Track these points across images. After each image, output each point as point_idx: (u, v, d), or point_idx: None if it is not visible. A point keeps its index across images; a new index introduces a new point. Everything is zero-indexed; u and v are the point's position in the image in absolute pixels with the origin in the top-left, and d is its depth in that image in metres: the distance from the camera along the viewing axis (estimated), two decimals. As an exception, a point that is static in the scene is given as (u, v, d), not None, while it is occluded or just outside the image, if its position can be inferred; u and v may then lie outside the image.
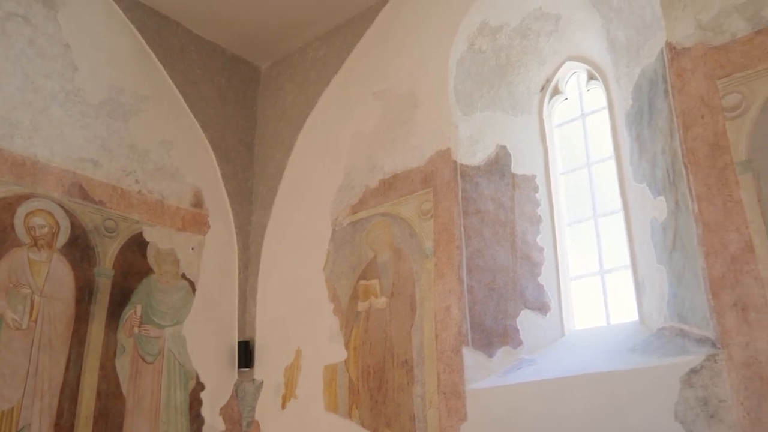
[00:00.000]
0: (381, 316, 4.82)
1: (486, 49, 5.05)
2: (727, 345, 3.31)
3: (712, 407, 3.29)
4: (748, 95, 3.55)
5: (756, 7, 3.64)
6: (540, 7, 4.90)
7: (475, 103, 4.98)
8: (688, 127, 3.70)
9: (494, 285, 4.51)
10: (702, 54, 3.76)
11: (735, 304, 3.33)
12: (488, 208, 4.70)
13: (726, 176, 3.50)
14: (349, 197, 5.36)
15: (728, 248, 3.41)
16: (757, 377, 3.18)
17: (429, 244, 4.69)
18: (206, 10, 5.92)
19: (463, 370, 4.25)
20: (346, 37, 5.92)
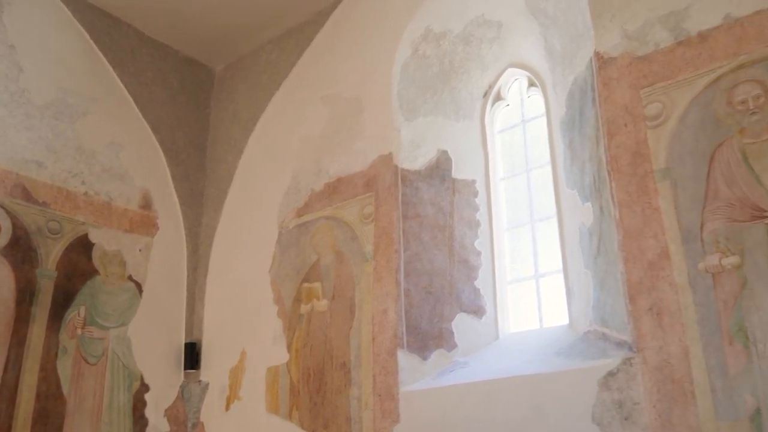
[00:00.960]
0: (322, 319, 4.86)
1: (430, 55, 5.11)
2: (642, 349, 3.39)
3: (626, 409, 3.37)
4: (669, 105, 3.63)
5: (678, 18, 3.72)
6: (482, 14, 4.97)
7: (418, 108, 5.04)
8: (613, 135, 3.78)
9: (431, 288, 4.57)
10: (627, 63, 3.84)
11: (650, 309, 3.41)
12: (428, 212, 4.76)
13: (646, 184, 3.59)
14: (296, 200, 5.40)
15: (646, 254, 3.49)
16: (669, 380, 3.26)
17: (369, 247, 4.74)
18: (160, 13, 5.92)
19: (398, 373, 4.30)
20: (298, 41, 5.96)
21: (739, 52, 3.48)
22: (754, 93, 3.39)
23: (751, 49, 3.44)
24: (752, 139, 3.34)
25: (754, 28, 3.46)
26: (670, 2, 3.77)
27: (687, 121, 3.55)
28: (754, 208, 3.25)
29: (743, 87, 3.43)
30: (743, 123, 3.38)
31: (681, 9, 3.73)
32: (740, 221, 3.27)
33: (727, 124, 3.43)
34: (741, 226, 3.27)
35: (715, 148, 3.43)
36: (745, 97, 3.41)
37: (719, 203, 3.35)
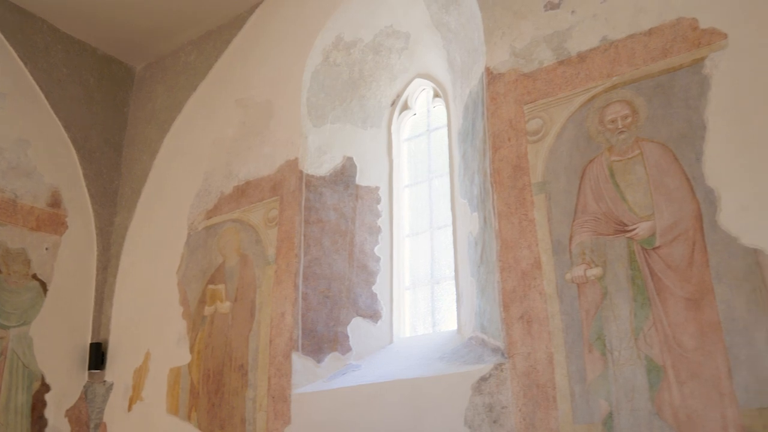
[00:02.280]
0: (224, 321, 4.90)
1: (340, 63, 5.20)
2: (512, 355, 3.54)
3: (495, 413, 3.50)
4: (548, 121, 3.79)
5: (561, 39, 3.89)
6: (391, 24, 5.08)
7: (326, 115, 5.12)
8: (497, 148, 3.92)
9: (329, 293, 4.65)
10: (514, 80, 3.99)
11: (522, 317, 3.56)
12: (330, 217, 4.84)
13: (524, 196, 3.73)
14: (206, 202, 5.43)
15: (520, 264, 3.64)
16: (534, 385, 3.41)
17: (272, 251, 4.80)
18: (77, 10, 5.88)
19: (291, 375, 4.37)
20: (216, 44, 5.99)
21: (612, 73, 3.65)
22: (623, 113, 3.56)
23: (623, 71, 3.62)
24: (619, 157, 3.52)
25: (626, 51, 3.64)
26: (555, 23, 3.94)
27: (563, 137, 3.71)
28: (617, 223, 3.42)
29: (614, 107, 3.61)
30: (612, 141, 3.56)
31: (564, 30, 3.90)
32: (604, 235, 3.44)
33: (598, 142, 3.60)
34: (605, 239, 3.43)
35: (586, 163, 3.60)
36: (615, 116, 3.58)
37: (587, 217, 3.51)
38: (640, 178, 3.42)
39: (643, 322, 3.22)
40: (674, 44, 3.50)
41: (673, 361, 3.11)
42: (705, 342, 3.05)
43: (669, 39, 3.53)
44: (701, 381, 3.01)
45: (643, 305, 3.24)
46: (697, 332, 3.07)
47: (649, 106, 3.50)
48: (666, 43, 3.53)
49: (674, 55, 3.49)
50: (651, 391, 3.12)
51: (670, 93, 3.44)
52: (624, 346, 3.24)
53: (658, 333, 3.17)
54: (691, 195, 3.25)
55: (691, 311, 3.11)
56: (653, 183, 3.37)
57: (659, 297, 3.21)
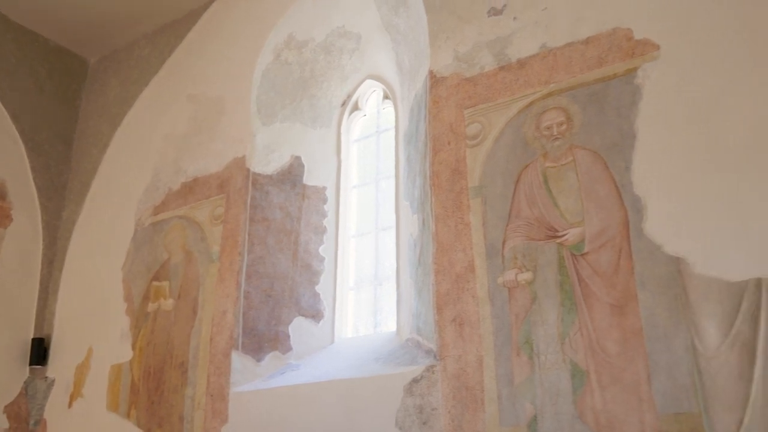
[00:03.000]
0: (167, 318, 4.87)
1: (292, 62, 5.19)
2: (444, 357, 3.56)
3: (425, 414, 3.52)
4: (487, 125, 3.82)
5: (502, 44, 3.93)
6: (343, 25, 5.09)
7: (276, 113, 5.11)
8: (437, 151, 3.94)
9: (271, 292, 4.64)
10: (456, 84, 4.02)
11: (454, 320, 3.58)
12: (275, 216, 4.83)
13: (461, 200, 3.76)
14: (154, 198, 5.39)
15: (455, 267, 3.66)
16: (464, 387, 3.44)
17: (216, 248, 4.78)
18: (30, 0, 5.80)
19: (230, 374, 4.35)
20: (170, 38, 5.94)
21: (549, 80, 3.70)
22: (558, 120, 3.61)
23: (560, 79, 3.66)
24: (553, 163, 3.56)
25: (564, 59, 3.69)
26: (498, 29, 3.97)
27: (501, 142, 3.75)
28: (548, 228, 3.46)
29: (550, 114, 3.65)
30: (547, 147, 3.60)
31: (505, 36, 3.93)
32: (536, 240, 3.48)
33: (533, 148, 3.64)
34: (536, 244, 3.47)
35: (522, 169, 3.64)
36: (550, 123, 3.63)
37: (520, 222, 3.55)
38: (572, 184, 3.46)
39: (570, 327, 3.26)
40: (609, 54, 3.56)
41: (596, 365, 3.15)
42: (627, 348, 3.10)
43: (605, 48, 3.58)
44: (622, 386, 3.06)
45: (570, 310, 3.28)
46: (620, 338, 3.12)
47: (583, 114, 3.54)
48: (602, 52, 3.58)
49: (609, 64, 3.54)
50: (574, 395, 3.16)
51: (603, 101, 3.49)
52: (550, 350, 3.28)
53: (583, 338, 3.22)
54: (619, 203, 3.30)
55: (616, 317, 3.16)
56: (584, 190, 3.42)
57: (585, 302, 3.26)
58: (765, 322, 2.85)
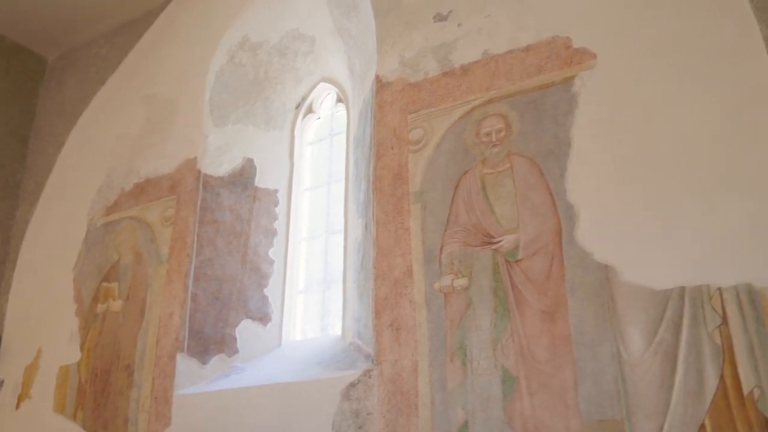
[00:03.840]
0: (115, 319, 4.84)
1: (246, 64, 5.18)
2: (381, 362, 3.57)
3: (361, 419, 3.53)
4: (429, 131, 3.84)
5: (446, 50, 3.94)
6: (297, 27, 5.09)
7: (229, 115, 5.09)
8: (381, 156, 3.95)
9: (219, 294, 4.63)
10: (401, 89, 4.03)
11: (391, 324, 3.59)
12: (225, 218, 4.82)
13: (402, 205, 3.77)
14: (107, 198, 5.35)
15: (394, 272, 3.67)
16: (399, 392, 3.45)
17: (165, 250, 4.76)
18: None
19: (175, 376, 4.33)
20: (127, 38, 5.91)
21: (490, 87, 3.72)
22: (498, 127, 3.63)
23: (501, 86, 3.69)
24: (491, 170, 3.58)
25: (505, 66, 3.71)
26: (442, 34, 3.99)
27: (442, 147, 3.76)
28: (485, 235, 3.48)
29: (490, 120, 3.67)
30: (486, 154, 3.62)
31: (450, 42, 3.95)
32: (472, 246, 3.50)
33: (473, 154, 3.66)
34: (472, 250, 3.49)
35: (461, 175, 3.65)
36: (490, 129, 3.65)
37: (458, 227, 3.57)
38: (508, 191, 3.49)
39: (502, 333, 3.28)
40: (549, 62, 3.58)
41: (526, 372, 3.17)
42: (556, 354, 3.12)
43: (544, 56, 3.61)
44: (550, 392, 3.08)
45: (503, 316, 3.30)
46: (550, 344, 3.15)
47: (521, 121, 3.57)
48: (541, 60, 3.61)
49: (548, 72, 3.57)
50: (504, 401, 3.18)
51: (541, 109, 3.52)
52: (483, 356, 3.29)
53: (514, 344, 3.24)
54: (553, 210, 3.32)
55: (546, 324, 3.19)
56: (520, 197, 3.44)
57: (518, 309, 3.28)
58: (686, 330, 2.89)
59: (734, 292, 2.82)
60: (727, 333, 2.80)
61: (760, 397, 2.67)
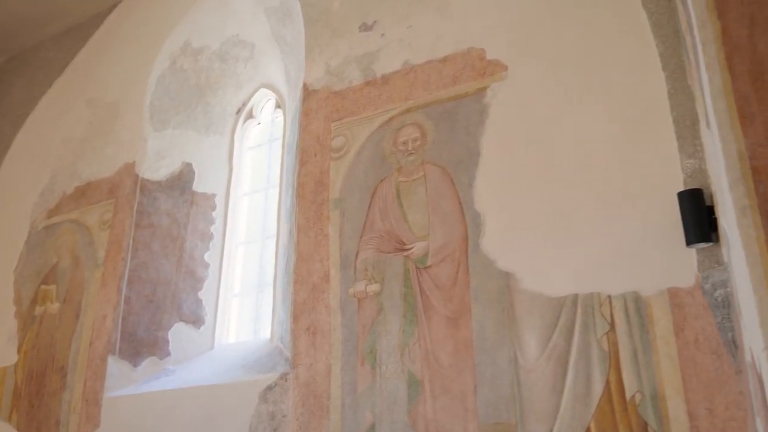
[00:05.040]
0: (52, 322, 4.88)
1: (187, 69, 5.24)
2: (297, 365, 3.64)
3: (276, 421, 3.60)
4: (351, 139, 3.91)
5: (369, 60, 4.02)
6: (238, 34, 5.15)
7: (169, 119, 5.15)
8: (304, 163, 4.03)
9: (153, 297, 4.69)
10: (325, 97, 4.11)
11: (308, 328, 3.67)
12: (162, 222, 4.87)
13: (322, 211, 3.85)
14: (49, 201, 5.39)
15: (312, 277, 3.75)
16: (312, 395, 3.52)
17: (102, 253, 4.81)
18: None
19: (105, 378, 4.39)
20: (74, 41, 5.95)
21: (409, 96, 3.80)
22: (414, 136, 3.71)
23: (418, 95, 3.77)
24: (406, 178, 3.66)
25: (423, 76, 3.79)
26: (367, 44, 4.07)
27: (362, 155, 3.84)
28: (397, 242, 3.57)
29: (407, 129, 3.75)
30: (402, 162, 3.70)
31: (373, 51, 4.03)
32: (385, 252, 3.58)
33: (390, 162, 3.74)
34: (385, 256, 3.57)
35: (378, 183, 3.74)
36: (406, 138, 3.73)
37: (373, 234, 3.65)
38: (421, 199, 3.57)
39: (410, 338, 3.36)
40: (464, 72, 3.67)
41: (430, 376, 3.26)
42: (458, 359, 3.21)
43: (460, 67, 3.69)
44: (452, 396, 3.16)
45: (411, 322, 3.38)
46: (453, 349, 3.23)
47: (436, 130, 3.65)
48: (457, 71, 3.69)
49: (463, 83, 3.65)
50: (409, 405, 3.26)
51: (454, 119, 3.60)
52: (391, 360, 3.38)
53: (420, 349, 3.32)
54: (461, 218, 3.41)
55: (450, 329, 3.27)
56: (431, 205, 3.53)
57: (425, 314, 3.36)
58: (578, 336, 2.98)
59: (622, 300, 2.92)
60: (614, 339, 2.89)
61: (641, 401, 2.76)
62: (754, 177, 1.79)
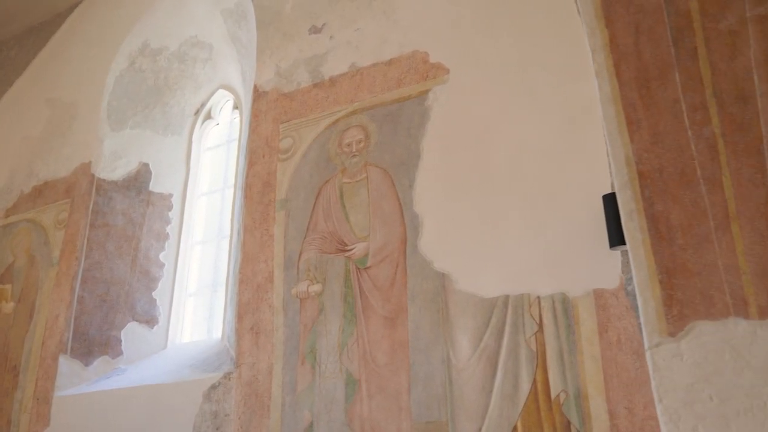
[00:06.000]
0: (6, 321, 4.88)
1: (146, 69, 5.25)
2: (240, 365, 3.67)
3: (219, 420, 3.63)
4: (298, 140, 3.95)
5: (318, 62, 4.06)
6: (196, 35, 5.17)
7: (126, 120, 5.16)
8: (253, 164, 4.06)
9: (107, 297, 4.70)
10: (275, 99, 4.14)
11: (252, 328, 3.70)
12: (117, 222, 4.89)
13: (268, 212, 3.88)
14: (6, 200, 5.39)
15: (257, 277, 3.78)
16: (254, 394, 3.55)
17: (57, 253, 4.82)
18: None
19: (56, 377, 4.40)
20: (36, 41, 5.95)
21: (355, 99, 3.84)
22: (358, 137, 3.75)
23: (364, 98, 3.81)
24: (349, 179, 3.70)
25: (369, 79, 3.83)
26: (316, 46, 4.10)
27: (308, 157, 3.88)
28: (339, 242, 3.60)
29: (352, 131, 3.79)
30: (346, 164, 3.74)
31: (321, 54, 4.07)
32: (327, 253, 3.62)
33: (335, 163, 3.78)
34: (327, 257, 3.61)
35: (322, 184, 3.77)
36: (351, 140, 3.77)
37: (316, 235, 3.69)
38: (363, 200, 3.61)
39: (349, 337, 3.40)
40: (408, 75, 3.71)
41: (367, 375, 3.30)
42: (394, 358, 3.25)
43: (404, 70, 3.73)
44: (387, 395, 3.20)
45: (350, 322, 3.42)
46: (389, 349, 3.27)
47: (379, 132, 3.69)
48: (401, 73, 3.73)
49: (406, 85, 3.70)
50: (346, 404, 3.30)
51: (397, 121, 3.64)
52: (330, 360, 3.41)
53: (358, 349, 3.36)
54: (400, 219, 3.45)
55: (388, 329, 3.31)
56: (373, 206, 3.57)
57: (364, 315, 3.40)
58: (508, 336, 3.03)
59: (550, 301, 2.97)
60: (542, 339, 2.94)
61: (566, 401, 2.81)
62: (641, 182, 1.84)
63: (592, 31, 1.82)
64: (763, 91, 1.68)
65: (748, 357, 1.69)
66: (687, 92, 1.77)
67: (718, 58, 1.73)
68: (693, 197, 1.76)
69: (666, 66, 1.78)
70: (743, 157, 1.71)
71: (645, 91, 1.81)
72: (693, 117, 1.76)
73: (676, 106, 1.78)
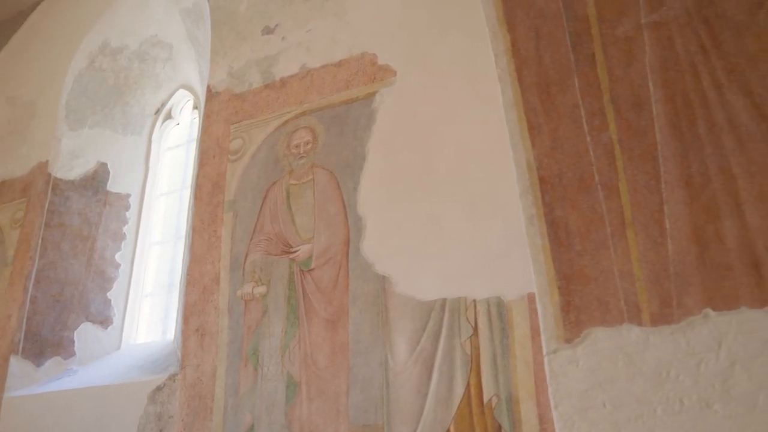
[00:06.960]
0: (-40, 321, 4.84)
1: (106, 69, 5.22)
2: (185, 366, 3.65)
3: (163, 422, 3.61)
4: (248, 141, 3.93)
5: (269, 63, 4.05)
6: (156, 34, 5.15)
7: (85, 119, 5.13)
8: (203, 165, 4.04)
9: (60, 297, 4.67)
10: (227, 99, 4.12)
11: (197, 330, 3.68)
12: (73, 222, 4.86)
13: (216, 213, 3.87)
14: (-35, 199, 5.35)
15: (204, 279, 3.76)
16: (198, 396, 3.54)
17: (11, 252, 4.78)
18: None
19: (7, 378, 4.37)
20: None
21: (304, 100, 3.83)
22: (306, 139, 3.74)
23: (313, 99, 3.80)
24: (296, 181, 3.69)
25: (319, 80, 3.82)
26: (268, 47, 4.09)
27: (257, 158, 3.86)
28: (284, 244, 3.59)
29: (300, 133, 3.78)
30: (293, 165, 3.73)
31: (273, 55, 4.05)
32: (273, 255, 3.61)
33: (282, 165, 3.77)
34: (272, 259, 3.60)
35: (270, 185, 3.76)
36: (299, 141, 3.76)
37: (262, 236, 3.67)
38: (308, 202, 3.60)
39: (291, 340, 3.39)
40: (356, 77, 3.70)
41: (307, 378, 3.28)
42: (335, 361, 3.24)
43: (353, 72, 3.72)
44: (326, 398, 3.19)
45: (293, 324, 3.41)
46: (330, 352, 3.26)
47: (326, 134, 3.68)
48: (350, 75, 3.72)
49: (354, 87, 3.69)
50: (286, 406, 3.29)
51: (344, 123, 3.63)
52: (272, 362, 3.40)
53: (300, 351, 3.35)
54: (344, 221, 3.44)
55: (329, 332, 3.30)
56: (318, 208, 3.56)
57: (306, 317, 3.39)
58: (444, 340, 3.02)
59: (486, 305, 2.96)
60: (477, 343, 2.94)
61: (497, 405, 2.81)
62: (542, 187, 1.84)
63: (495, 35, 1.82)
64: (658, 98, 1.68)
65: (640, 364, 1.69)
66: (586, 98, 1.77)
67: (615, 64, 1.73)
68: (591, 203, 1.76)
69: (565, 71, 1.78)
70: (639, 163, 1.71)
71: (545, 96, 1.81)
72: (591, 122, 1.76)
73: (575, 111, 1.78)
